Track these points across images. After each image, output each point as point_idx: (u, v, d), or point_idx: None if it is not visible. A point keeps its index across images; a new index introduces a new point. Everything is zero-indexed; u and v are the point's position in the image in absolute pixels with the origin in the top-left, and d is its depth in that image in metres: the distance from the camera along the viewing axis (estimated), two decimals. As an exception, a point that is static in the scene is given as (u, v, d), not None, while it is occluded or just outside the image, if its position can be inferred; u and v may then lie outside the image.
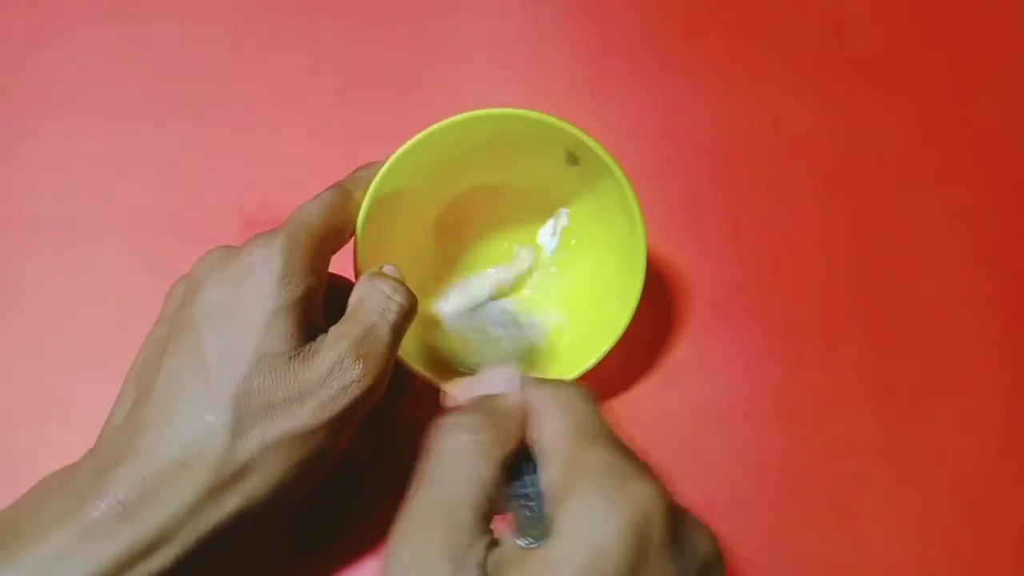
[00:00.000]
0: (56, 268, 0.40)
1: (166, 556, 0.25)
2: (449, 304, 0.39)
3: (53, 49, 0.44)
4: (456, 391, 0.29)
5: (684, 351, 0.40)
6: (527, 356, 0.37)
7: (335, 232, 0.31)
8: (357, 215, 0.33)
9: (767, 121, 0.45)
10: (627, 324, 0.35)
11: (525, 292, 0.40)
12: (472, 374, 0.36)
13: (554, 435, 0.25)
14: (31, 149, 0.42)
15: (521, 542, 0.23)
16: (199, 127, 0.43)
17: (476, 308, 0.39)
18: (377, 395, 0.29)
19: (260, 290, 0.27)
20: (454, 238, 0.39)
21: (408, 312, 0.30)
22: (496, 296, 0.39)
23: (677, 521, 0.23)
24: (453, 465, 0.24)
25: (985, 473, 0.39)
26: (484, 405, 0.26)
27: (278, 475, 0.27)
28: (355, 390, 0.27)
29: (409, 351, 0.34)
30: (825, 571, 0.37)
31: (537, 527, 0.24)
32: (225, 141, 0.42)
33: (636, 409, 0.39)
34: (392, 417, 0.35)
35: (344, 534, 0.36)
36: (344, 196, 0.32)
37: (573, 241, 0.39)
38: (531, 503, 0.25)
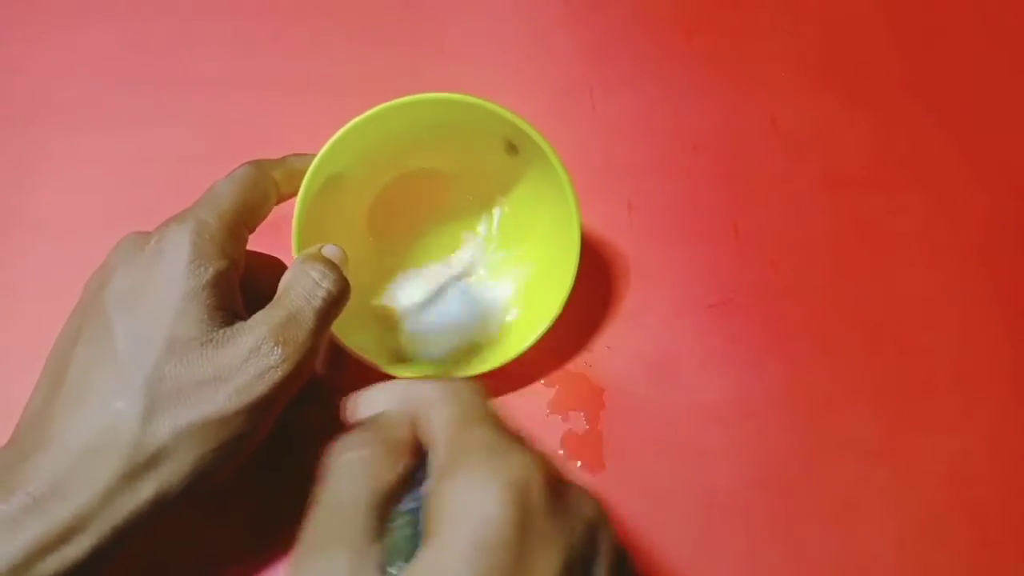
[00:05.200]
0: (56, 268, 0.40)
1: (81, 545, 0.25)
2: (399, 296, 0.39)
3: (52, 49, 0.44)
4: (349, 406, 0.29)
5: (684, 351, 0.40)
6: (480, 338, 0.38)
7: (249, 211, 0.30)
8: (274, 193, 0.32)
9: (767, 121, 0.45)
10: (560, 308, 0.35)
11: (473, 276, 0.40)
12: (424, 364, 0.36)
13: (441, 424, 0.26)
14: (31, 149, 0.42)
15: (392, 569, 0.23)
16: (200, 127, 0.43)
17: (428, 299, 0.39)
18: (300, 381, 0.28)
19: (169, 275, 0.27)
20: (392, 228, 0.39)
21: (337, 298, 0.29)
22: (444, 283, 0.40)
23: (558, 486, 0.24)
24: (344, 480, 0.25)
25: (985, 473, 0.39)
26: (369, 421, 0.27)
27: (193, 461, 0.26)
28: (273, 376, 0.27)
29: (359, 344, 0.34)
30: (825, 571, 0.37)
31: (411, 550, 0.23)
32: (225, 141, 0.42)
33: (636, 409, 0.39)
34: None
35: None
36: (259, 172, 0.31)
37: (514, 227, 0.39)
38: (415, 516, 0.24)
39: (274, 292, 0.29)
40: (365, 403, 0.28)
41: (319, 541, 0.23)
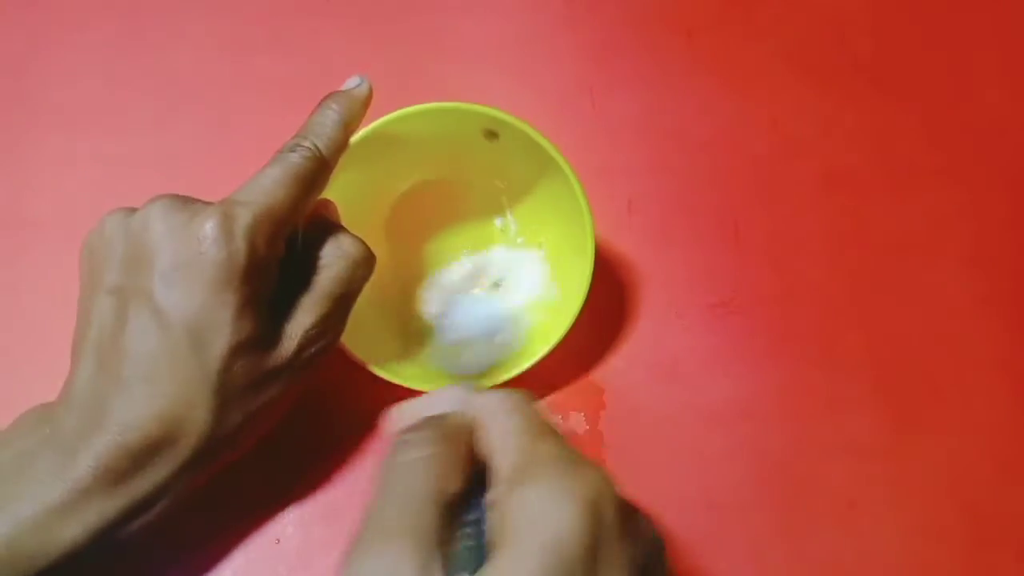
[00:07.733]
0: (56, 268, 0.40)
1: (156, 511, 0.29)
2: (419, 307, 0.39)
3: (53, 49, 0.44)
4: (402, 413, 0.29)
5: (684, 351, 0.40)
6: (503, 345, 0.38)
7: (302, 211, 0.31)
8: (324, 185, 0.32)
9: (767, 121, 0.45)
10: (579, 309, 0.35)
11: (496, 281, 0.40)
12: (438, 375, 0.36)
13: (504, 434, 0.26)
14: (31, 150, 0.42)
15: None
16: (200, 128, 0.43)
17: (450, 309, 0.39)
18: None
19: (226, 284, 0.28)
20: (410, 240, 0.40)
21: (367, 276, 0.32)
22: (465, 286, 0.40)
23: (626, 507, 0.24)
24: (411, 477, 0.24)
25: (985, 473, 0.39)
26: (435, 422, 0.27)
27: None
28: (321, 358, 0.31)
29: (377, 355, 0.35)
30: (825, 571, 0.37)
31: (473, 563, 0.23)
32: (225, 142, 0.42)
33: (636, 409, 0.39)
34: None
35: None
36: (319, 166, 0.31)
37: (530, 227, 0.40)
38: (477, 528, 0.24)
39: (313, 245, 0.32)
40: (425, 406, 0.29)
41: (384, 533, 0.23)
